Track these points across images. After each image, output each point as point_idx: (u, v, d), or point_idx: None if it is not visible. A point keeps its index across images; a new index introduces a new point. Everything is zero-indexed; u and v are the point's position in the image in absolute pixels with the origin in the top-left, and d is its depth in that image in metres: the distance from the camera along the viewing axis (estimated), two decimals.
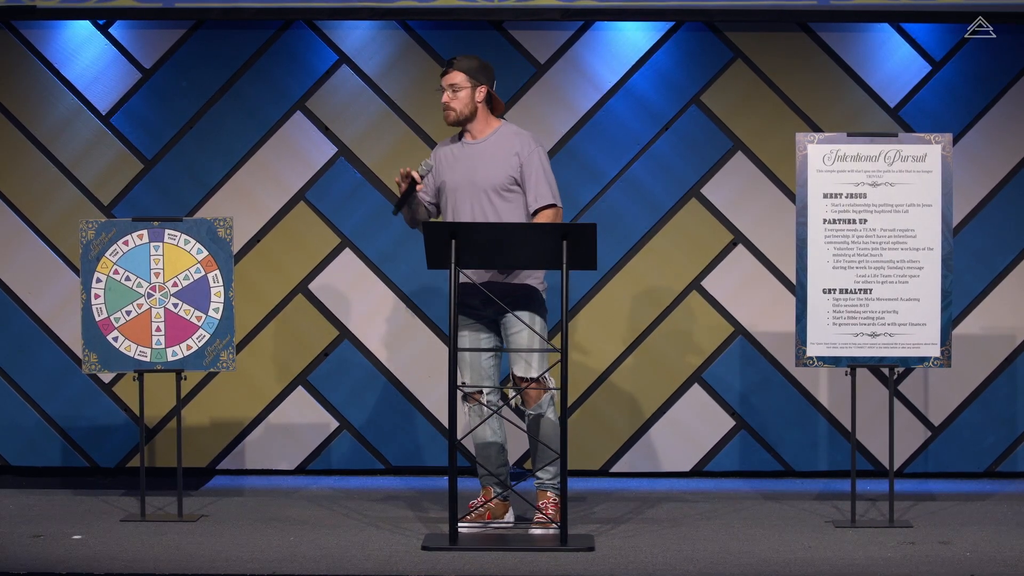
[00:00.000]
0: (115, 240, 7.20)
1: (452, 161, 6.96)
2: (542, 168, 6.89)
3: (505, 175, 6.88)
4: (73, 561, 6.30)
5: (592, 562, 6.33)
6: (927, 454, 8.25)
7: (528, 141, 6.91)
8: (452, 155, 6.98)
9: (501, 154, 6.90)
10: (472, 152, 6.93)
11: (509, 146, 6.90)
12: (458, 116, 6.92)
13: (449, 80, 6.91)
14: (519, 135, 6.93)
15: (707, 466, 8.27)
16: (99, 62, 8.29)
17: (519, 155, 6.88)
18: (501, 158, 6.89)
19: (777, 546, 6.65)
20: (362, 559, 6.37)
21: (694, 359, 8.28)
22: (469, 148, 6.95)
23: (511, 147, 6.90)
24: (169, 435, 8.23)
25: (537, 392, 6.89)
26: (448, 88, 6.90)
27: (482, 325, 6.99)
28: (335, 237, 8.31)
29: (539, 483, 6.97)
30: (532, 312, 6.92)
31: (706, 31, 8.23)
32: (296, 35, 8.27)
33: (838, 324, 7.08)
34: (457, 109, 6.91)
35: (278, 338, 8.31)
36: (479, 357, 6.97)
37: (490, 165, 6.89)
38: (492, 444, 7.00)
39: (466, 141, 6.98)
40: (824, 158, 7.09)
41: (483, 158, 6.90)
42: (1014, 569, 6.22)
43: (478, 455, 7.02)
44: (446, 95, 6.91)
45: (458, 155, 6.96)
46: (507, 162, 6.88)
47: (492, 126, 6.97)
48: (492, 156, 6.90)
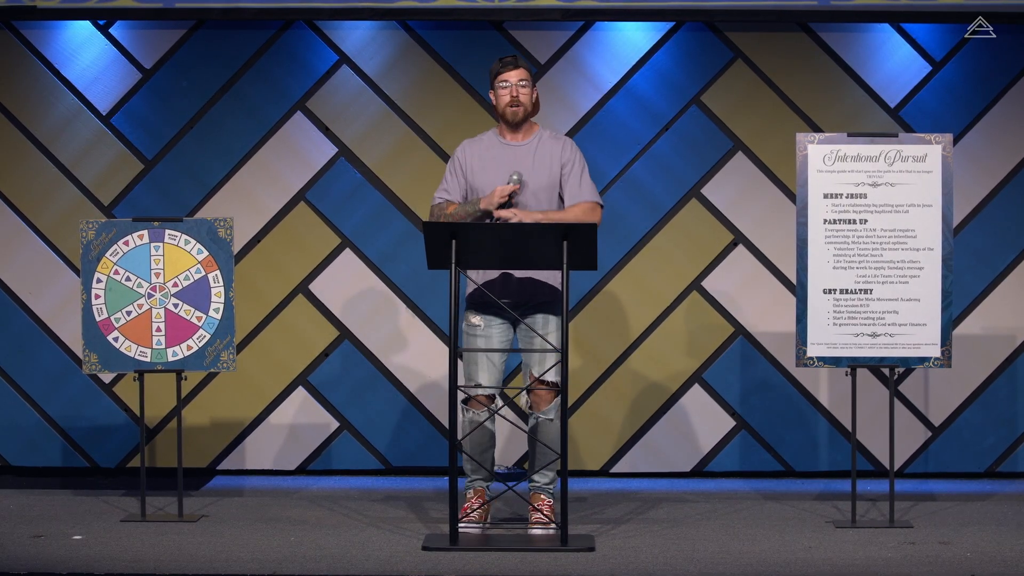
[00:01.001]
0: (115, 240, 7.20)
1: (488, 162, 6.91)
2: (586, 168, 6.92)
3: (554, 179, 6.87)
4: (73, 561, 6.30)
5: (592, 562, 6.33)
6: (927, 454, 8.25)
7: (569, 144, 6.92)
8: (492, 156, 6.91)
9: (548, 157, 6.88)
10: (520, 153, 6.90)
11: (551, 149, 6.89)
12: (526, 112, 6.90)
13: (519, 76, 6.86)
14: (559, 138, 6.93)
15: (707, 466, 8.27)
16: (99, 62, 8.29)
17: (561, 158, 6.87)
18: (549, 161, 6.87)
19: (777, 546, 6.65)
20: (362, 559, 6.37)
21: (694, 359, 8.28)
22: (512, 149, 6.91)
23: (554, 150, 6.89)
24: (169, 435, 8.23)
25: (549, 395, 6.86)
26: (518, 83, 6.87)
27: (507, 324, 6.95)
28: (335, 237, 8.31)
29: (535, 486, 6.95)
30: (558, 315, 6.88)
31: (706, 31, 8.23)
32: (296, 35, 8.27)
33: (838, 324, 7.08)
34: (525, 104, 6.89)
35: (278, 338, 8.31)
36: (497, 357, 6.94)
37: (540, 168, 6.86)
38: (487, 441, 6.96)
39: (507, 142, 6.93)
40: (824, 158, 7.09)
41: (533, 160, 6.87)
42: (1014, 569, 6.22)
43: (472, 447, 6.93)
44: (514, 89, 6.85)
45: (497, 156, 6.91)
46: (552, 166, 6.87)
47: (535, 128, 6.96)
48: (542, 159, 6.87)
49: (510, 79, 6.87)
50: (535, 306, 6.88)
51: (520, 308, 6.89)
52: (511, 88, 6.86)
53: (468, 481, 6.98)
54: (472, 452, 6.91)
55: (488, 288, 6.84)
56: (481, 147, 6.95)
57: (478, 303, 6.93)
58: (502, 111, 6.89)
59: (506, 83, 6.87)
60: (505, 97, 6.87)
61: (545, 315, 6.88)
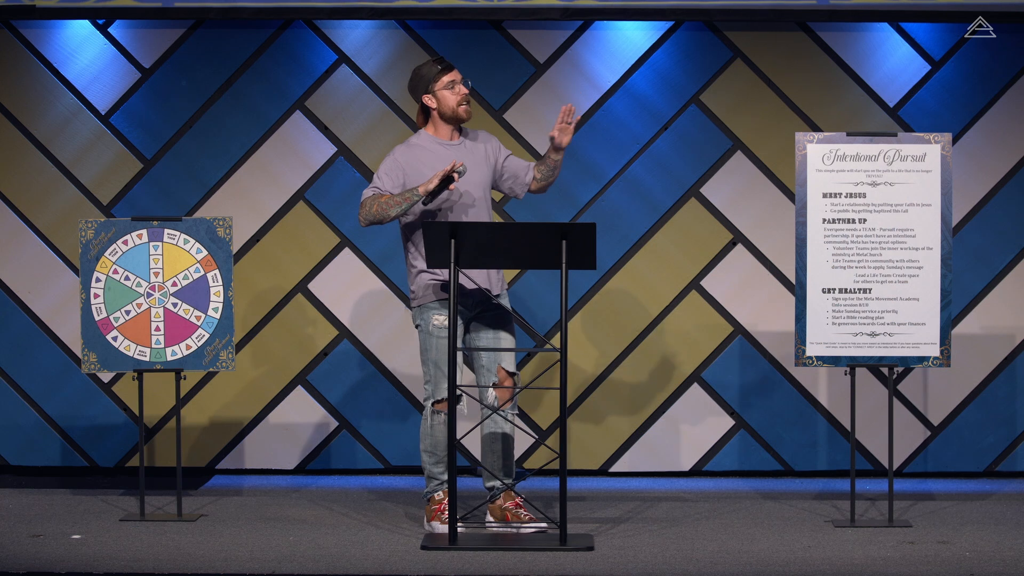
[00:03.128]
0: (114, 240, 7.20)
1: (433, 160, 6.91)
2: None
3: (487, 174, 6.96)
4: (73, 560, 6.30)
5: (592, 562, 6.33)
6: (926, 454, 8.25)
7: (494, 137, 7.07)
8: (433, 155, 6.91)
9: (481, 153, 6.96)
10: (458, 152, 6.92)
11: (487, 147, 7.00)
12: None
13: (463, 77, 6.96)
14: (482, 135, 7.05)
15: (706, 466, 8.27)
16: (98, 62, 8.29)
17: (496, 153, 6.99)
18: (483, 157, 6.95)
19: (776, 546, 6.65)
20: (361, 559, 6.37)
21: (693, 359, 8.28)
22: (452, 148, 6.94)
23: (489, 147, 7.00)
24: (168, 435, 8.23)
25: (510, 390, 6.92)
26: (462, 81, 6.94)
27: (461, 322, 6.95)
28: (335, 237, 8.31)
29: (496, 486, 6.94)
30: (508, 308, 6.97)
31: (705, 31, 8.23)
32: (295, 35, 8.27)
33: (837, 324, 7.08)
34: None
35: (278, 338, 8.31)
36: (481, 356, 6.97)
37: (479, 165, 6.93)
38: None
39: (445, 142, 6.95)
40: (823, 158, 7.09)
41: (473, 157, 6.92)
42: (1014, 569, 6.21)
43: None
44: (462, 88, 6.93)
45: (438, 155, 6.92)
46: (487, 161, 6.97)
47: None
48: (478, 156, 6.93)
49: (457, 78, 6.90)
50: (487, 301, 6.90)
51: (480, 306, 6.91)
52: (459, 87, 6.90)
53: (437, 484, 6.97)
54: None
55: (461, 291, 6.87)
56: (419, 149, 6.95)
57: (442, 299, 6.91)
58: (452, 110, 6.92)
59: (454, 82, 6.90)
60: (456, 97, 6.92)
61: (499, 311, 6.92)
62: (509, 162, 7.02)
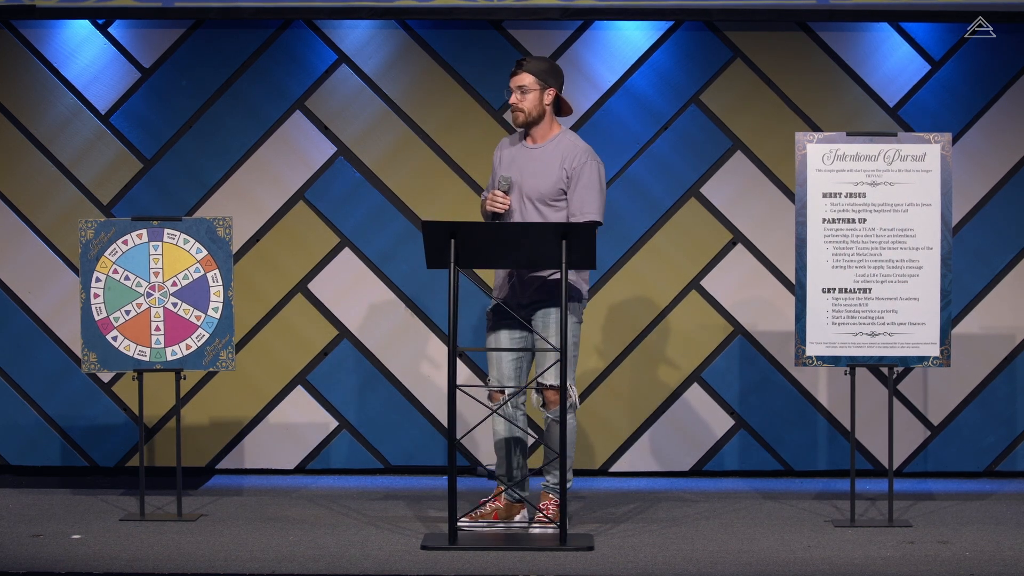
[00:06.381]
0: (114, 239, 7.20)
1: (510, 162, 6.93)
2: (596, 182, 6.83)
3: (553, 186, 6.84)
4: (72, 560, 6.30)
5: (592, 561, 6.33)
6: (926, 453, 8.25)
7: (581, 153, 6.85)
8: (512, 156, 6.95)
9: (554, 164, 6.86)
10: (529, 156, 6.90)
11: (560, 156, 6.86)
12: (527, 118, 6.89)
13: (518, 82, 6.88)
14: (575, 147, 6.87)
15: (706, 465, 8.28)
16: (98, 61, 8.29)
17: (569, 167, 6.82)
18: (553, 168, 6.85)
19: (776, 546, 6.65)
20: (361, 558, 6.37)
21: (694, 358, 8.28)
22: (527, 152, 6.92)
23: (562, 158, 6.85)
24: (168, 434, 8.23)
25: (553, 395, 6.83)
26: (517, 90, 6.88)
27: (515, 324, 6.93)
28: (334, 236, 8.31)
29: (544, 485, 6.95)
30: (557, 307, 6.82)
31: (705, 30, 8.23)
32: (295, 35, 8.27)
33: (837, 323, 7.08)
34: (526, 111, 6.88)
35: (277, 338, 8.31)
36: (503, 357, 6.93)
37: (540, 174, 6.85)
38: (509, 440, 6.96)
39: (526, 144, 6.95)
40: (823, 157, 7.09)
41: (535, 165, 6.87)
42: (1014, 569, 6.22)
43: (496, 452, 6.99)
44: (515, 96, 6.88)
45: (516, 157, 6.94)
46: (556, 173, 6.84)
47: (554, 131, 6.94)
48: (545, 165, 6.87)
49: (511, 85, 6.89)
50: (531, 305, 6.87)
51: (524, 309, 6.89)
52: (513, 94, 6.89)
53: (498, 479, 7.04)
54: (500, 463, 6.98)
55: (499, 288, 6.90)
56: (511, 147, 7.00)
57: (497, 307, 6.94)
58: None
59: (508, 89, 6.90)
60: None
61: (545, 310, 6.87)
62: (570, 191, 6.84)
